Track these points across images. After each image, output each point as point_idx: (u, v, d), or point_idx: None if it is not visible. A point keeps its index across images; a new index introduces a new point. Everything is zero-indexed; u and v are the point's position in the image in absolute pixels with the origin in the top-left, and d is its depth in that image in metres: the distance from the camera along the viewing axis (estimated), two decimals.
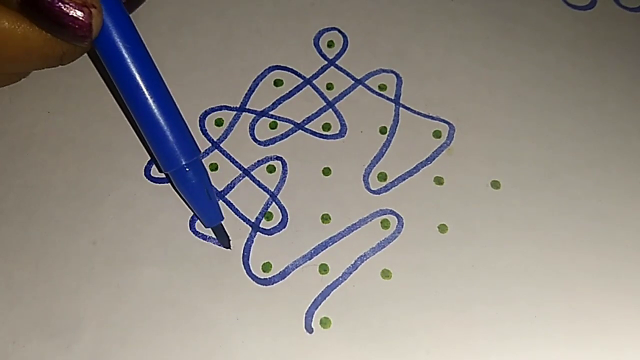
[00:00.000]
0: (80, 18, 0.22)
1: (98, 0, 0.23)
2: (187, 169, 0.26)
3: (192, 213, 0.28)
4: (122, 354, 0.25)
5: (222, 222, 0.27)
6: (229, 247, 0.28)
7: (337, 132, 0.31)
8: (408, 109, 0.31)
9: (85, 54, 0.31)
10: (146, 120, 0.26)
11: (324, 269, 0.27)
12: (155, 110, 0.25)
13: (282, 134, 0.30)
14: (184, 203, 0.28)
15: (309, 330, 0.26)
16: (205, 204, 0.27)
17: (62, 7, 0.22)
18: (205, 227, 0.28)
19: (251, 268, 0.27)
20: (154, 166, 0.29)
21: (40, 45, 0.24)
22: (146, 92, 0.25)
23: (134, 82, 0.25)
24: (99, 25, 0.23)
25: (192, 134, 0.30)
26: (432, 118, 0.31)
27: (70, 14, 0.22)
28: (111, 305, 0.26)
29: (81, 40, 0.23)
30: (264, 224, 0.28)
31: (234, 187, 0.29)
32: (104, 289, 0.27)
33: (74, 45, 0.24)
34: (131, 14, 0.25)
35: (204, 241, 0.28)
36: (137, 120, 0.26)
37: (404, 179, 0.29)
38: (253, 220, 0.28)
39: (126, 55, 0.24)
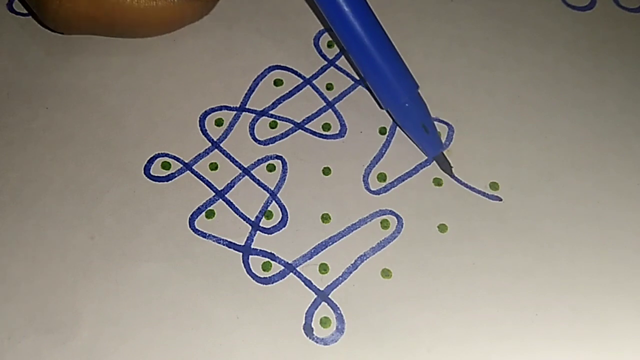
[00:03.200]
0: None
1: None
2: (407, 105, 0.28)
3: (192, 211, 0.28)
4: (119, 351, 0.25)
5: (443, 152, 0.30)
6: (451, 174, 0.29)
7: (337, 132, 0.31)
8: None
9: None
10: (367, 62, 0.28)
11: (324, 268, 0.27)
12: (375, 52, 0.28)
13: (282, 134, 0.30)
14: (183, 202, 0.28)
15: (309, 329, 0.26)
16: (424, 136, 0.29)
17: None
18: (426, 156, 0.30)
19: (251, 267, 0.27)
20: (153, 165, 0.29)
21: None
22: (365, 37, 0.27)
23: (352, 26, 0.27)
24: None
25: (192, 134, 0.30)
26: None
27: None
28: (109, 302, 0.26)
29: None
30: (264, 222, 0.28)
31: (234, 186, 0.29)
32: (101, 285, 0.26)
33: None
34: None
35: (204, 239, 0.27)
36: (357, 63, 0.29)
37: (404, 180, 0.29)
38: (253, 219, 0.28)
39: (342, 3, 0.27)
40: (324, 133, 0.30)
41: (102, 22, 0.30)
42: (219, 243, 0.27)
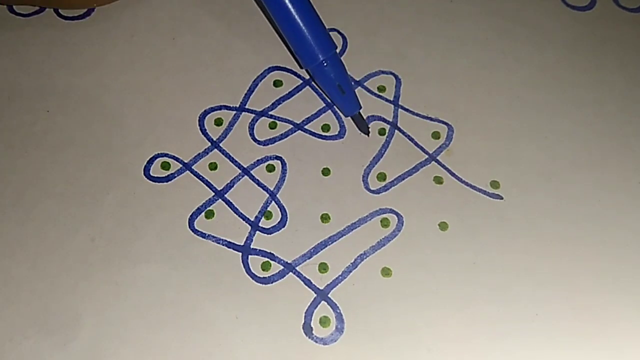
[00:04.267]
0: None
1: None
2: (325, 64, 0.29)
3: (192, 211, 0.28)
4: (119, 352, 0.25)
5: (360, 111, 0.30)
6: (367, 133, 0.30)
7: (337, 133, 0.31)
8: (407, 110, 0.31)
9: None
10: (286, 21, 0.28)
11: (323, 267, 0.27)
12: (294, 12, 0.28)
13: (281, 134, 0.30)
14: (183, 202, 0.28)
15: (309, 329, 0.26)
16: (341, 96, 0.30)
17: None
18: (345, 116, 0.31)
19: (250, 267, 0.27)
20: (153, 165, 0.29)
21: None
22: None
23: None
24: None
25: (191, 133, 0.30)
26: (431, 119, 0.31)
27: None
28: (109, 303, 0.26)
29: None
30: (264, 222, 0.28)
31: (233, 186, 0.29)
32: (102, 287, 0.26)
33: None
34: None
35: (203, 239, 0.28)
36: (277, 21, 0.29)
37: (404, 179, 0.29)
38: (252, 219, 0.28)
39: None
40: (324, 134, 0.30)
41: None
42: (219, 243, 0.28)
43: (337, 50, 0.33)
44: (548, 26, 0.34)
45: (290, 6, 0.28)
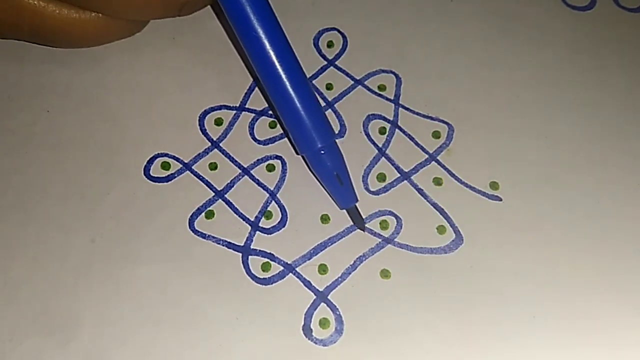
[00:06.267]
0: None
1: None
2: (322, 152, 0.27)
3: (192, 212, 0.28)
4: (119, 352, 0.25)
5: (357, 204, 0.28)
6: (363, 229, 0.28)
7: (337, 132, 0.31)
8: (407, 109, 0.31)
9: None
10: (284, 104, 0.27)
11: (323, 269, 0.27)
12: (291, 92, 0.26)
13: (281, 134, 0.30)
14: (183, 202, 0.28)
15: (308, 330, 0.26)
16: (337, 187, 0.27)
17: None
18: (340, 208, 0.28)
19: (250, 267, 0.27)
20: (153, 165, 0.29)
21: None
22: (286, 82, 0.26)
23: (266, 55, 0.26)
24: None
25: (191, 133, 0.30)
26: (432, 118, 0.31)
27: None
28: (109, 303, 0.26)
29: None
30: (264, 222, 0.28)
31: (233, 186, 0.29)
32: (102, 287, 0.26)
33: None
34: None
35: (204, 240, 0.28)
36: (272, 99, 0.27)
37: (403, 180, 0.29)
38: (252, 219, 0.28)
39: (253, 18, 0.25)
40: None
41: (24, 29, 0.29)
42: (219, 244, 0.28)
43: (337, 49, 0.33)
44: (548, 26, 0.34)
45: (290, 89, 0.26)
